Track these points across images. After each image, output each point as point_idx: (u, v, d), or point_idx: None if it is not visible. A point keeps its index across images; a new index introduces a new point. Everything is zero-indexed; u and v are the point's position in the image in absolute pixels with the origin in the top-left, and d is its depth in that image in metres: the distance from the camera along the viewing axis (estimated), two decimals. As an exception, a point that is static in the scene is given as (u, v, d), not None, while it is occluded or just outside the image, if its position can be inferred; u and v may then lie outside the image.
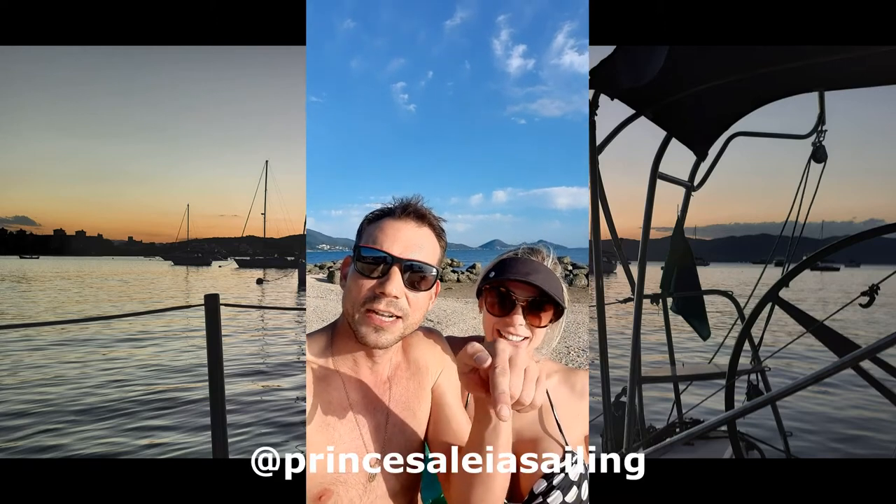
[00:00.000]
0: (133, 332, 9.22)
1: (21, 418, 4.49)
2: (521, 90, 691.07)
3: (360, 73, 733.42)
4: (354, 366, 0.93)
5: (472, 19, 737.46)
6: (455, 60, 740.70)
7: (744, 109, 2.23)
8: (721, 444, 2.32)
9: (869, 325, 10.07)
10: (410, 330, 0.91)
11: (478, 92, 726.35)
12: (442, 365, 1.02)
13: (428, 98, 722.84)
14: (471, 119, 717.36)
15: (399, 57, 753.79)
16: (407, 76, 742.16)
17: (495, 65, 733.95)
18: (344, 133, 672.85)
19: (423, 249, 0.90)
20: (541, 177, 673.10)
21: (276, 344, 8.73)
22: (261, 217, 58.47)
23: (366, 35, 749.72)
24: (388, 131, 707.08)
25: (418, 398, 0.98)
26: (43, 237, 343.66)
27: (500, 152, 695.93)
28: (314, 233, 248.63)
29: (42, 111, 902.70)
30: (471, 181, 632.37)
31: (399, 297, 0.86)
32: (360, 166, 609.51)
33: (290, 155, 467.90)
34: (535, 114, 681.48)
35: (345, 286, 0.93)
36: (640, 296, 2.04)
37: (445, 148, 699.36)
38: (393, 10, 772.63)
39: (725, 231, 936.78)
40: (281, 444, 3.96)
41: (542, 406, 1.03)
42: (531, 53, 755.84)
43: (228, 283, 27.88)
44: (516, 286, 0.98)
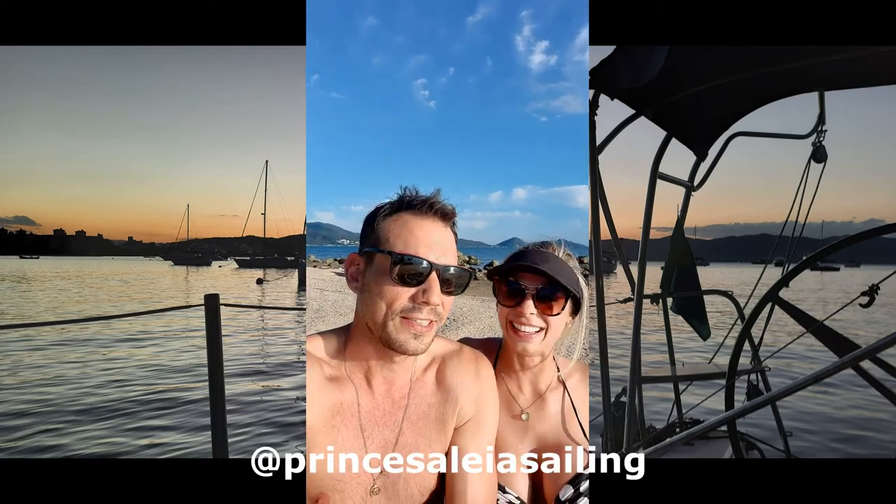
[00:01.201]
0: (133, 332, 9.21)
1: (21, 418, 4.49)
2: (544, 86, 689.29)
3: (381, 69, 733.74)
4: (369, 374, 0.90)
5: (494, 15, 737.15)
6: (476, 57, 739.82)
7: (744, 109, 2.23)
8: (721, 444, 2.32)
9: (869, 325, 10.07)
10: (439, 329, 0.90)
11: (499, 88, 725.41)
12: (476, 399, 0.95)
13: (449, 94, 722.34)
14: (492, 116, 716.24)
15: (420, 53, 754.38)
16: (428, 72, 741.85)
17: (517, 61, 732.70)
18: (365, 129, 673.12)
19: (453, 251, 0.89)
20: (562, 175, 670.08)
21: (276, 344, 8.73)
22: (261, 217, 58.53)
23: (387, 32, 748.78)
24: (409, 127, 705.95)
25: (438, 427, 0.92)
26: (43, 237, 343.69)
27: (521, 150, 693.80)
28: (334, 227, 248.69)
29: (42, 111, 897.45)
30: (490, 178, 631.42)
31: (439, 304, 0.85)
32: (380, 161, 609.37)
33: (290, 155, 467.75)
34: (558, 111, 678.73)
35: (363, 289, 0.88)
36: (640, 296, 2.03)
37: (465, 144, 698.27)
38: (414, 8, 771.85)
39: (725, 231, 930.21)
40: (281, 444, 3.95)
41: (565, 408, 1.02)
42: (554, 49, 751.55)
43: (228, 283, 27.88)
44: (525, 276, 0.98)
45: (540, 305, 0.97)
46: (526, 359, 1.00)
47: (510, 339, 0.99)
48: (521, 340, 0.97)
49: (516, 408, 1.02)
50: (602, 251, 1.90)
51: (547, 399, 1.02)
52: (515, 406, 1.02)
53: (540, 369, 1.02)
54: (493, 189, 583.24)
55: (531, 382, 1.03)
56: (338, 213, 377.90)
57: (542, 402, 1.02)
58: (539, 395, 1.03)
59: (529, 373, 1.03)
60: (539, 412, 1.02)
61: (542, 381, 1.03)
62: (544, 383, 1.03)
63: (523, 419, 1.01)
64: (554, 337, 0.99)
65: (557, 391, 1.03)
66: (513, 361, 1.02)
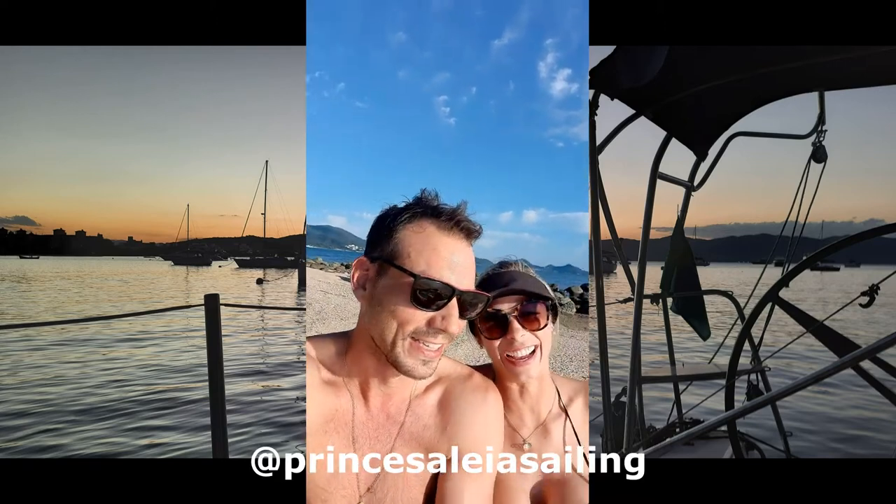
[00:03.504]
0: (133, 332, 9.21)
1: (21, 418, 4.49)
2: (564, 113, 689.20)
3: (406, 82, 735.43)
4: (367, 385, 0.87)
5: (520, 41, 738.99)
6: (499, 79, 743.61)
7: (744, 109, 2.23)
8: (721, 444, 2.32)
9: (869, 325, 10.07)
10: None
11: (519, 111, 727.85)
12: (478, 435, 0.88)
13: (469, 113, 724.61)
14: (510, 137, 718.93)
15: (444, 71, 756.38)
16: (450, 90, 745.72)
17: (539, 86, 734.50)
18: (384, 139, 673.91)
19: (473, 273, 0.84)
20: (573, 201, 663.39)
21: (276, 344, 8.73)
22: (261, 217, 58.52)
23: (415, 47, 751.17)
24: (428, 142, 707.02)
25: (431, 450, 0.87)
26: (43, 237, 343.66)
27: (536, 172, 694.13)
28: (345, 232, 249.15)
29: (42, 111, 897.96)
30: (503, 198, 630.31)
31: (457, 332, 0.81)
32: (395, 172, 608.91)
33: (290, 155, 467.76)
34: (575, 137, 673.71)
35: (371, 300, 0.83)
36: (640, 296, 2.03)
37: (481, 163, 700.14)
38: (443, 26, 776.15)
39: (725, 231, 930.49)
40: (281, 444, 3.95)
41: (567, 436, 0.99)
42: (575, 77, 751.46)
43: (228, 283, 27.87)
44: (500, 301, 0.94)
45: (526, 324, 0.94)
46: (527, 385, 0.97)
47: (509, 372, 0.95)
48: (520, 368, 0.93)
49: (518, 438, 0.98)
50: (602, 251, 1.90)
51: (549, 427, 0.99)
52: (517, 437, 0.98)
53: (539, 395, 0.99)
54: (505, 209, 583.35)
55: (531, 411, 0.99)
56: (350, 218, 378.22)
57: (543, 431, 0.99)
58: (540, 422, 0.99)
59: (529, 400, 0.99)
60: (541, 441, 0.98)
61: (542, 407, 0.99)
62: (545, 409, 0.99)
63: (525, 448, 0.97)
64: (547, 351, 0.96)
65: (559, 419, 1.00)
66: (510, 391, 0.98)
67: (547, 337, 0.96)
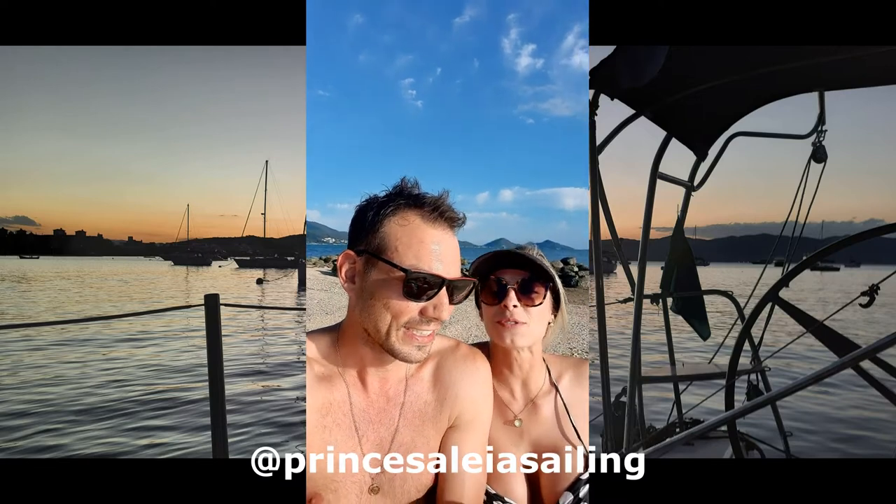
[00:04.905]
0: (133, 332, 9.22)
1: (21, 418, 4.49)
2: (531, 89, 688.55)
3: (368, 67, 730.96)
4: (363, 372, 0.89)
5: (481, 18, 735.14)
6: (464, 58, 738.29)
7: (744, 109, 2.23)
8: (721, 444, 2.32)
9: (869, 325, 10.07)
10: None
11: (486, 90, 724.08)
12: (473, 397, 0.94)
13: (436, 94, 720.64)
14: (479, 116, 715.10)
15: (407, 53, 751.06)
16: (415, 72, 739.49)
17: (504, 63, 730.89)
18: (350, 127, 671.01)
19: (458, 260, 0.86)
20: (548, 177, 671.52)
21: (276, 344, 8.73)
22: (261, 217, 58.53)
23: (374, 30, 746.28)
24: (395, 126, 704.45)
25: (435, 425, 0.92)
26: (43, 237, 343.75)
27: (508, 151, 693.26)
28: (319, 225, 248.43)
29: (42, 111, 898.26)
30: (477, 179, 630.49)
31: (448, 318, 0.84)
32: (366, 160, 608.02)
33: (290, 155, 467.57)
34: (545, 113, 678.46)
35: (361, 293, 0.84)
36: (640, 296, 2.04)
37: (452, 145, 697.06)
38: (401, 7, 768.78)
39: (725, 231, 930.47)
40: (281, 444, 3.96)
41: (559, 412, 1.01)
42: (540, 53, 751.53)
43: (228, 283, 27.88)
44: (505, 272, 0.99)
45: (522, 298, 0.97)
46: (515, 356, 1.00)
47: (497, 338, 0.98)
48: (507, 330, 0.96)
49: (509, 414, 1.01)
50: (602, 251, 1.90)
51: (539, 403, 1.02)
52: (508, 412, 1.01)
53: (530, 371, 1.02)
54: (481, 190, 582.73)
55: (522, 387, 1.02)
56: (323, 210, 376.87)
57: (533, 407, 1.01)
58: (530, 399, 1.02)
59: (520, 376, 1.02)
60: (531, 417, 1.01)
61: (532, 384, 1.02)
62: (535, 387, 1.02)
63: (516, 425, 1.00)
64: (539, 331, 0.99)
65: (549, 395, 1.02)
66: (502, 366, 1.02)
67: (540, 316, 0.99)
